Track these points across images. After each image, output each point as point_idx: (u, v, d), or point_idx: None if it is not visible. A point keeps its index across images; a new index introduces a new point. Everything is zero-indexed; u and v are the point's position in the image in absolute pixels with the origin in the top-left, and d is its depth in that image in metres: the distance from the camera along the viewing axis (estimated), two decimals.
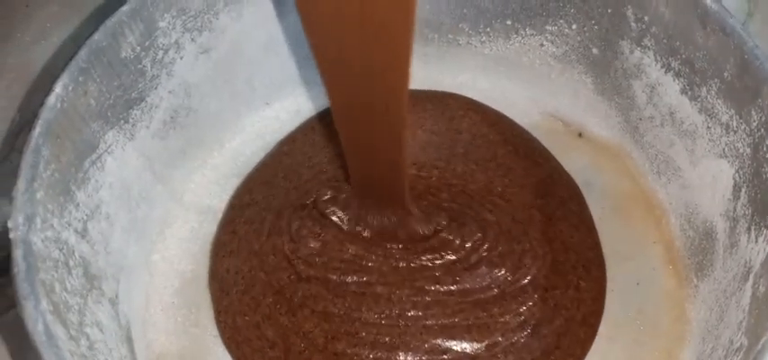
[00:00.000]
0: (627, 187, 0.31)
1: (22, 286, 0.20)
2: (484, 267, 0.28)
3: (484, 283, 0.27)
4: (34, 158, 0.22)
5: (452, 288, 0.27)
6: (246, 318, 0.28)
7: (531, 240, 0.28)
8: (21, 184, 0.22)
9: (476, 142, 0.32)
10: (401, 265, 0.28)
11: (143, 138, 0.28)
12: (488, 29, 0.33)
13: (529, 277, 0.27)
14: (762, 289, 0.21)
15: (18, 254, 0.20)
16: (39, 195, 0.22)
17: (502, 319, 0.27)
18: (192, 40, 0.29)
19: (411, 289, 0.28)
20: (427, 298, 0.27)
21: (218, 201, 0.32)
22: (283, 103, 0.34)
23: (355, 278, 0.28)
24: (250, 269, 0.29)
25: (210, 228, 0.31)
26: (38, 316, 0.19)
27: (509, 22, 0.32)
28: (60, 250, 0.22)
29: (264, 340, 0.27)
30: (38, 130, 0.23)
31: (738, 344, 0.21)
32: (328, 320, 0.27)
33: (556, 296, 0.27)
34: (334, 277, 0.28)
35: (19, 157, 0.34)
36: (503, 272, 0.27)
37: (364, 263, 0.28)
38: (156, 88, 0.29)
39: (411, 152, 0.31)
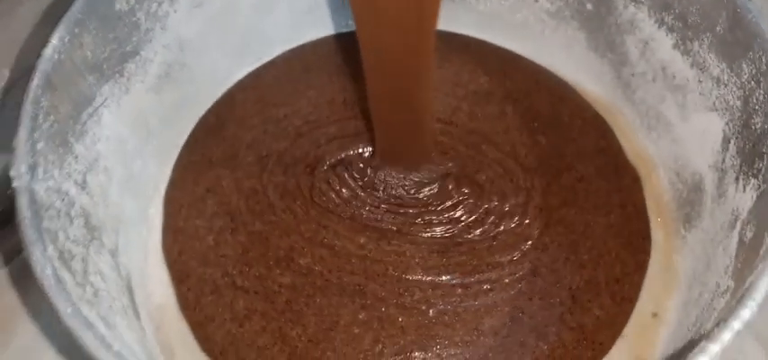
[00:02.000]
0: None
1: (28, 232, 0.20)
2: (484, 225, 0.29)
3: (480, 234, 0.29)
4: (34, 109, 0.22)
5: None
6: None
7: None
8: (21, 133, 0.22)
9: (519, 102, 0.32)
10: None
11: (138, 92, 0.29)
12: None
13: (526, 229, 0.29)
14: (748, 234, 0.22)
15: (23, 201, 0.20)
16: (39, 146, 0.22)
17: (497, 259, 0.28)
18: None
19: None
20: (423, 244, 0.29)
21: None
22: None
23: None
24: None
25: None
26: (46, 261, 0.19)
27: None
28: (62, 200, 0.23)
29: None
30: (36, 80, 0.23)
31: (725, 287, 0.21)
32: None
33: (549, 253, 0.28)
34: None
35: (10, 113, 0.35)
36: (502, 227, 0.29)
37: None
38: (150, 41, 0.29)
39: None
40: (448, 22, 0.34)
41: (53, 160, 0.23)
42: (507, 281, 0.28)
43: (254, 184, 0.31)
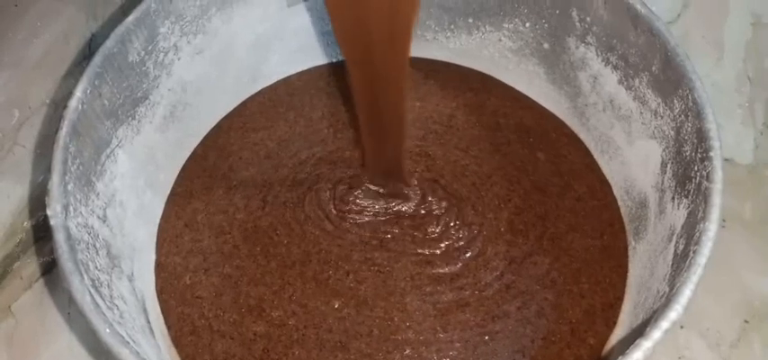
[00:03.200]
0: None
1: (66, 265, 0.23)
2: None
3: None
4: (63, 155, 0.26)
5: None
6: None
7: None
8: (55, 177, 0.25)
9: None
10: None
11: (147, 132, 0.32)
12: (452, 26, 0.37)
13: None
14: (681, 246, 0.25)
15: (60, 237, 0.24)
16: (70, 187, 0.25)
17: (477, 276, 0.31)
18: (189, 42, 0.33)
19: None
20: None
21: None
22: None
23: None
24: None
25: None
26: (84, 289, 0.22)
27: (471, 20, 0.36)
28: (89, 234, 0.26)
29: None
30: (64, 129, 0.26)
31: (663, 292, 0.25)
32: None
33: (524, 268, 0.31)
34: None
35: (21, 150, 0.38)
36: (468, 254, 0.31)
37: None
38: (157, 87, 0.32)
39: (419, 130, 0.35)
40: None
41: (80, 199, 0.26)
42: (511, 327, 0.29)
43: (222, 222, 0.32)
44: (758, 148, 0.36)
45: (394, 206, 0.33)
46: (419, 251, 0.31)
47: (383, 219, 0.32)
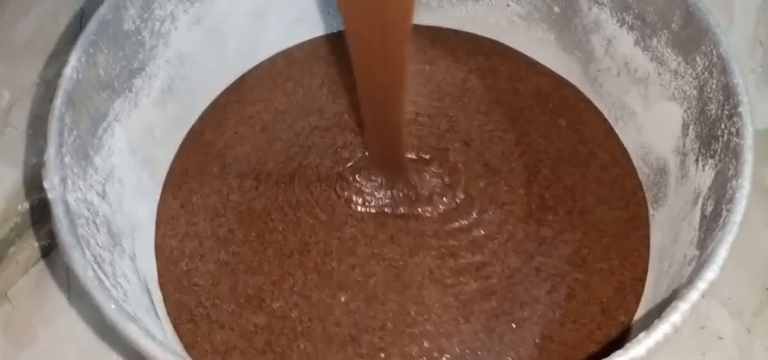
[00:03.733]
0: None
1: (66, 238, 0.22)
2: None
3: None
4: (59, 125, 0.24)
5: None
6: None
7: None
8: (51, 148, 0.24)
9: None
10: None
11: (145, 106, 0.31)
12: None
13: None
14: (709, 208, 0.24)
15: (59, 210, 0.22)
16: (67, 159, 0.24)
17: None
18: (185, 10, 0.31)
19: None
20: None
21: None
22: None
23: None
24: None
25: None
26: (86, 263, 0.21)
27: None
28: (88, 210, 0.25)
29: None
30: (59, 99, 0.25)
31: (691, 256, 0.24)
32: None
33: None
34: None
35: (13, 132, 0.37)
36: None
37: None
38: (154, 58, 0.31)
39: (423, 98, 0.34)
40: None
41: (78, 173, 0.25)
42: (540, 312, 0.28)
43: (216, 203, 0.31)
44: None
45: (401, 193, 0.31)
46: (441, 244, 0.30)
47: (389, 210, 0.31)
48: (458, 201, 0.31)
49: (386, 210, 0.31)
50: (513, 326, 0.27)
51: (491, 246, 0.29)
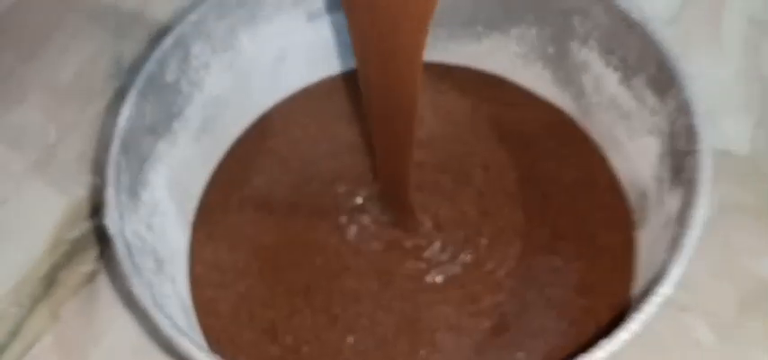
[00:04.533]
0: None
1: (128, 267, 0.26)
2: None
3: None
4: (116, 169, 0.28)
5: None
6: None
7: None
8: (110, 190, 0.28)
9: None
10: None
11: (182, 145, 0.34)
12: (462, 35, 0.39)
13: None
14: (675, 232, 0.27)
15: (120, 243, 0.26)
16: (122, 198, 0.28)
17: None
18: (218, 59, 0.35)
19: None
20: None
21: None
22: None
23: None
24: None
25: None
26: (145, 289, 0.25)
27: (480, 28, 0.38)
28: (140, 240, 0.28)
29: None
30: (115, 146, 0.29)
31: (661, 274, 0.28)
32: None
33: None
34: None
35: (60, 165, 0.40)
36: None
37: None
38: (191, 103, 0.34)
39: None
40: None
41: (131, 208, 0.29)
42: (548, 341, 0.30)
43: (235, 236, 0.33)
44: (755, 139, 0.39)
45: (409, 241, 0.33)
46: (452, 284, 0.32)
47: (397, 255, 0.33)
48: (469, 237, 0.33)
49: (394, 249, 0.33)
50: (523, 355, 0.30)
51: (507, 283, 0.32)
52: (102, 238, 0.37)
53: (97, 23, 0.47)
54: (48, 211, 0.39)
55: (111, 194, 0.27)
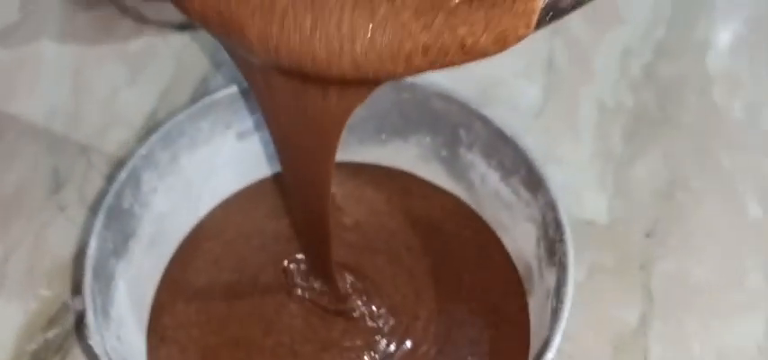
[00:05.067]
0: None
1: None
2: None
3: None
4: (92, 294, 0.33)
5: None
6: None
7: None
8: (89, 313, 0.32)
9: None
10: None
11: (137, 261, 0.39)
12: (369, 141, 0.46)
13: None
14: (554, 303, 0.35)
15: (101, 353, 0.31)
16: (99, 319, 0.33)
17: None
18: (163, 182, 0.41)
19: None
20: None
21: None
22: None
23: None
24: None
25: None
26: None
27: (384, 136, 0.46)
28: (116, 354, 0.33)
29: None
30: (88, 274, 0.34)
31: (546, 337, 0.35)
32: None
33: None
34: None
35: (11, 283, 0.44)
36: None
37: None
38: (141, 223, 0.40)
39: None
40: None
41: (104, 326, 0.33)
42: None
43: (182, 337, 0.38)
44: (611, 209, 0.47)
45: (340, 325, 0.40)
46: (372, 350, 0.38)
47: (334, 337, 0.39)
48: (383, 310, 0.40)
49: (331, 332, 0.39)
50: None
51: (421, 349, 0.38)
52: (60, 348, 0.41)
53: (33, 141, 0.51)
54: (5, 325, 0.42)
55: (90, 319, 0.32)
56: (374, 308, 0.40)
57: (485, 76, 0.51)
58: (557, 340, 0.32)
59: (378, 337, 0.39)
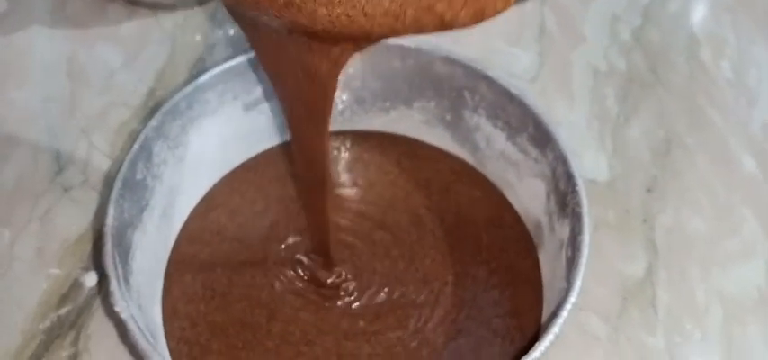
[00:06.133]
0: None
1: (144, 345, 0.30)
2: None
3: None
4: (112, 263, 0.33)
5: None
6: None
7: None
8: (113, 281, 0.32)
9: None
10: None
11: (150, 232, 0.39)
12: (373, 108, 0.47)
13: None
14: (569, 253, 0.36)
15: (132, 325, 0.31)
16: (122, 288, 0.33)
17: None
18: (173, 154, 0.41)
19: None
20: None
21: None
22: None
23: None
24: None
25: None
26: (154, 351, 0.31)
27: (388, 104, 0.46)
28: (139, 321, 0.33)
29: None
30: (108, 243, 0.34)
31: (562, 287, 0.35)
32: None
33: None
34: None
35: (20, 264, 0.44)
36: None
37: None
38: (154, 195, 0.40)
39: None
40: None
41: (127, 295, 0.34)
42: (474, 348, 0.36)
43: (190, 312, 0.38)
44: (611, 168, 0.48)
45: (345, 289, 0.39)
46: (374, 326, 0.38)
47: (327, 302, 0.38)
48: (408, 280, 0.40)
49: (325, 302, 0.39)
50: (454, 352, 0.37)
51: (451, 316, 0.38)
52: (73, 324, 0.41)
53: (32, 127, 0.50)
54: (17, 307, 0.42)
55: (114, 286, 0.32)
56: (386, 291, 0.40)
57: (478, 44, 0.52)
58: (578, 284, 0.33)
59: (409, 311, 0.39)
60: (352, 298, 0.38)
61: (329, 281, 0.40)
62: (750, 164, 0.49)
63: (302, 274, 0.40)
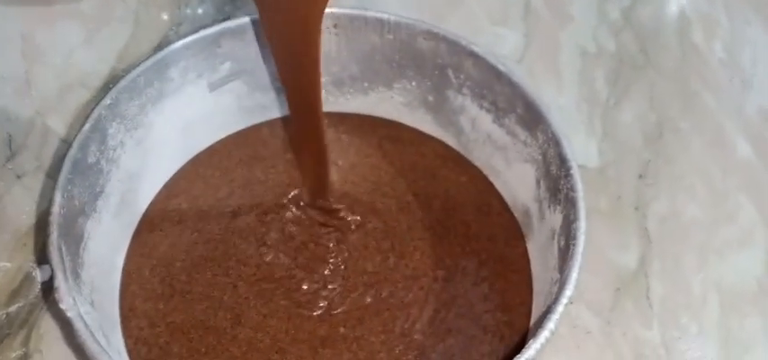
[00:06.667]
0: None
1: (92, 346, 0.27)
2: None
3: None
4: (58, 255, 0.30)
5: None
6: None
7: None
8: (59, 275, 0.29)
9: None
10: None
11: (106, 221, 0.36)
12: (351, 90, 0.44)
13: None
14: (562, 242, 0.33)
15: (79, 325, 0.28)
16: (69, 282, 0.30)
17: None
18: (131, 136, 0.37)
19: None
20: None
21: None
22: None
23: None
24: None
25: None
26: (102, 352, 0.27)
27: (366, 84, 0.43)
28: (90, 319, 0.30)
29: None
30: (54, 233, 0.30)
31: (555, 278, 0.33)
32: None
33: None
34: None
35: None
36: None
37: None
38: (110, 180, 0.36)
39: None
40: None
41: (76, 290, 0.30)
42: (461, 341, 0.34)
43: (150, 309, 0.36)
44: (601, 153, 0.46)
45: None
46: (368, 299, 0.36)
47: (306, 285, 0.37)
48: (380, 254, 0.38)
49: (303, 285, 0.37)
50: (442, 353, 0.34)
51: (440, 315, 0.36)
52: (24, 322, 0.38)
53: None
54: None
55: (61, 280, 0.29)
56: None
57: (462, 24, 0.49)
58: (573, 276, 0.30)
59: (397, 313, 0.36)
60: (332, 303, 0.36)
61: (305, 287, 0.37)
62: (745, 148, 0.47)
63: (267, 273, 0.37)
